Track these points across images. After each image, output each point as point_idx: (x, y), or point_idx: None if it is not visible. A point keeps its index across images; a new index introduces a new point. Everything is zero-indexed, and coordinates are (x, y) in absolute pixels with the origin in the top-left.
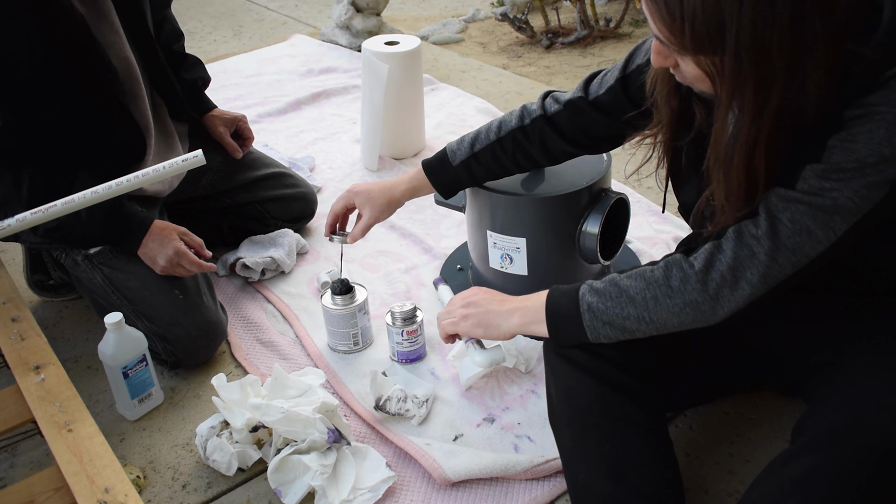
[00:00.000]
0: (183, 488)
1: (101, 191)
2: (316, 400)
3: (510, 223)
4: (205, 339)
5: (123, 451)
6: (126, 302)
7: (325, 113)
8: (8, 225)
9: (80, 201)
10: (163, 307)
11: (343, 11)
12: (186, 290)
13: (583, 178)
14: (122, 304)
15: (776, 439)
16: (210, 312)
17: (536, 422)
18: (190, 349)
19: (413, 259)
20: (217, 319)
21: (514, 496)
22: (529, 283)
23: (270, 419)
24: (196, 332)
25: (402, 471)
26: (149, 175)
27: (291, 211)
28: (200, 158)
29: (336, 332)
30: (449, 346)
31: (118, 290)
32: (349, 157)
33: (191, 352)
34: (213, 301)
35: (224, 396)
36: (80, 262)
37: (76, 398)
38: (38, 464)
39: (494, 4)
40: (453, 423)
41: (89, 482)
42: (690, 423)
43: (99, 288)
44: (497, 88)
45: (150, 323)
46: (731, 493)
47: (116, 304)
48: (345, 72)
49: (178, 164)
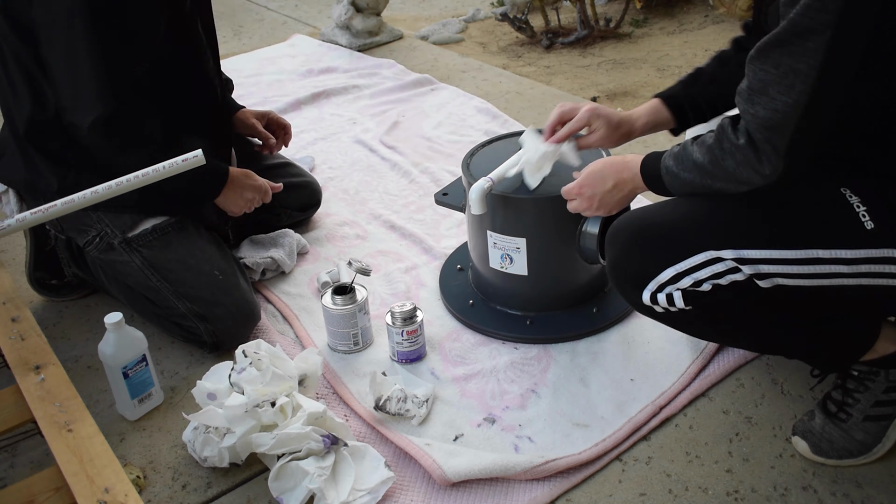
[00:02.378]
0: (183, 488)
1: (101, 191)
2: (300, 409)
3: (510, 223)
4: (244, 319)
5: (123, 451)
6: (166, 284)
7: (324, 113)
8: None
9: (80, 201)
10: (204, 287)
11: (343, 11)
12: (225, 271)
13: None
14: (162, 286)
15: (776, 439)
16: (247, 293)
17: (537, 422)
18: (230, 329)
19: (413, 259)
20: (254, 300)
21: (514, 496)
22: (529, 283)
23: (263, 447)
24: (236, 312)
25: (401, 471)
26: (149, 175)
27: (300, 198)
28: (200, 158)
29: (336, 332)
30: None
31: (158, 271)
32: (349, 157)
33: (231, 332)
34: (247, 283)
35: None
36: (117, 245)
37: (76, 398)
38: (38, 464)
39: (494, 4)
40: (453, 423)
41: (89, 482)
42: (690, 422)
43: (136, 272)
44: (497, 88)
45: (192, 304)
46: (731, 493)
47: (155, 287)
48: (345, 72)
49: (177, 164)
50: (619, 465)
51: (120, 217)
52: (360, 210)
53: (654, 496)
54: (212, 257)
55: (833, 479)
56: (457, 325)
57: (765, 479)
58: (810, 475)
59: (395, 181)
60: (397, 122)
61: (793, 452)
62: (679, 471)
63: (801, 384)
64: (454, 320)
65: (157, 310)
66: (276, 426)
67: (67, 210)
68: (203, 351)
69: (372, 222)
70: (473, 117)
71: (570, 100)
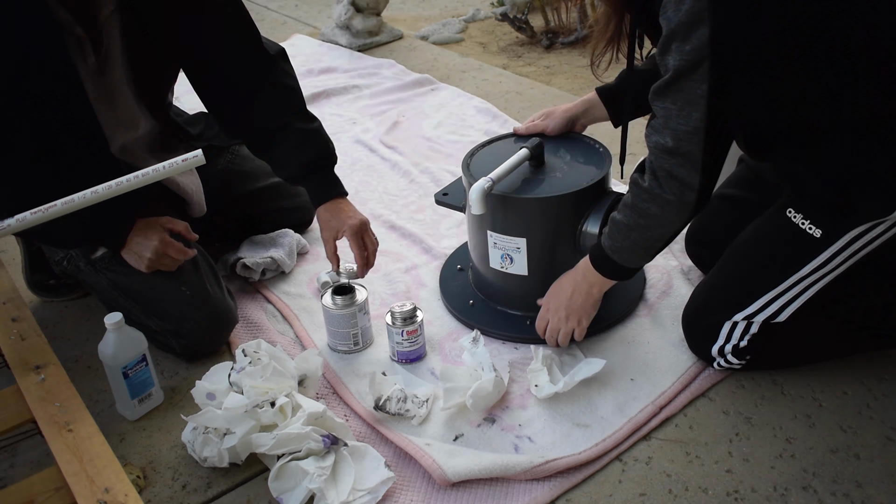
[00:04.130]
0: (183, 488)
1: (101, 191)
2: (300, 409)
3: (510, 223)
4: (216, 328)
5: (123, 451)
6: (134, 303)
7: (324, 113)
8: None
9: (80, 201)
10: (171, 304)
11: (343, 11)
12: (191, 285)
13: (583, 178)
14: (131, 305)
15: (776, 439)
16: (218, 301)
17: (537, 422)
18: (203, 340)
19: (413, 259)
20: (226, 307)
21: (514, 497)
22: (529, 283)
23: (263, 447)
24: (207, 324)
25: (401, 471)
26: (149, 175)
27: (290, 219)
28: (200, 158)
29: (336, 332)
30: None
31: (125, 293)
32: (349, 157)
33: (204, 341)
34: (219, 289)
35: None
36: (83, 267)
37: (76, 398)
38: (38, 464)
39: (494, 4)
40: (453, 424)
41: (89, 482)
42: (690, 423)
43: (106, 291)
44: (497, 88)
45: (161, 321)
46: (731, 493)
47: (125, 307)
48: (345, 72)
49: (177, 164)
50: (619, 465)
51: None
52: (360, 210)
53: (654, 496)
54: (177, 272)
55: (833, 478)
56: (457, 325)
57: (765, 479)
58: (810, 475)
59: (395, 181)
60: (397, 122)
61: (793, 452)
62: (679, 471)
63: (801, 384)
64: (454, 320)
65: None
66: (275, 426)
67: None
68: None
69: (372, 222)
70: (473, 117)
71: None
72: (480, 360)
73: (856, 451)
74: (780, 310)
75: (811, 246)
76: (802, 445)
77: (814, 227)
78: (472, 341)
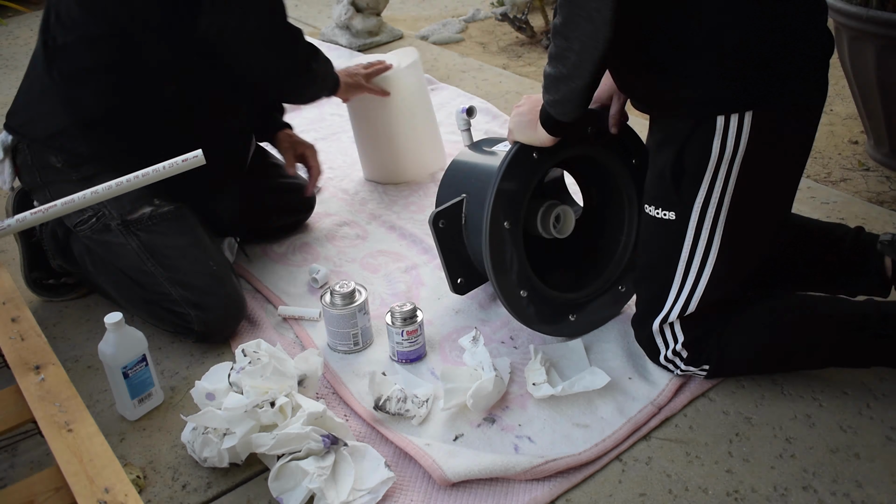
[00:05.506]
0: (183, 488)
1: (101, 191)
2: (300, 409)
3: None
4: (234, 312)
5: (123, 451)
6: (161, 269)
7: (324, 113)
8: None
9: (80, 201)
10: (199, 276)
11: (343, 11)
12: (220, 263)
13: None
14: (157, 271)
15: (776, 439)
16: (238, 288)
17: (536, 422)
18: (221, 319)
19: (413, 259)
20: (243, 296)
21: (514, 497)
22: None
23: (263, 447)
24: (228, 303)
25: (401, 471)
26: (149, 175)
27: (290, 202)
28: (200, 158)
29: (336, 333)
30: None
31: (154, 256)
32: (349, 157)
33: (220, 323)
34: (238, 280)
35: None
36: (114, 227)
37: (76, 398)
38: (38, 464)
39: (494, 4)
40: (453, 424)
41: (89, 482)
42: (690, 423)
43: (130, 255)
44: (497, 88)
45: (185, 291)
46: (731, 493)
47: (149, 272)
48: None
49: (177, 164)
50: (619, 465)
51: (120, 199)
52: (359, 210)
53: (654, 496)
54: (208, 248)
55: (833, 478)
56: (457, 325)
57: (765, 479)
58: (810, 475)
59: None
60: None
61: (793, 452)
62: (679, 471)
63: (801, 384)
64: (454, 320)
65: (147, 295)
66: (275, 426)
67: (67, 210)
68: (189, 341)
69: (372, 222)
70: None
71: None
72: (480, 360)
73: (856, 451)
74: (686, 302)
75: (674, 230)
76: (802, 445)
77: (667, 213)
78: (472, 341)
